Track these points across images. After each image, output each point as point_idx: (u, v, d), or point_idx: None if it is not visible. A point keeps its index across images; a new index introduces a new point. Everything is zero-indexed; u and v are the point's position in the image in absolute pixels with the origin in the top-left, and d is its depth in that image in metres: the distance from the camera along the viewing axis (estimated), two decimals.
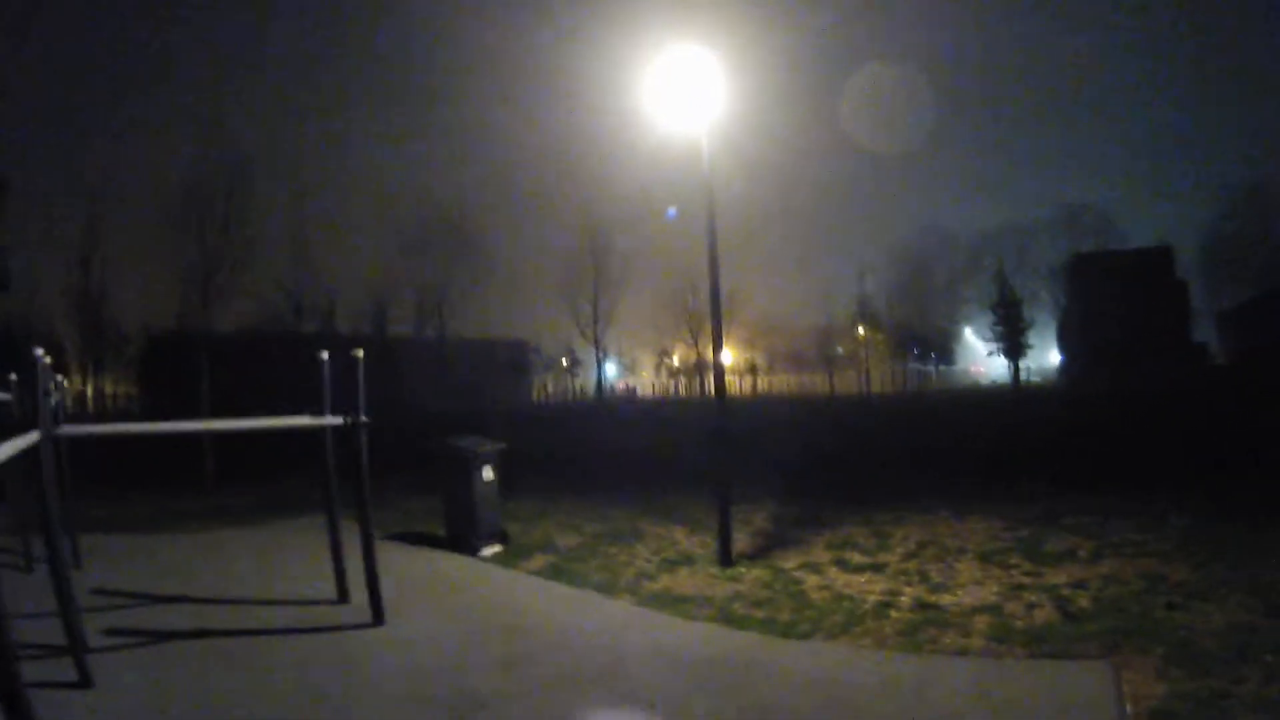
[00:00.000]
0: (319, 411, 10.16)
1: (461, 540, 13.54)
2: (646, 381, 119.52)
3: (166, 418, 14.13)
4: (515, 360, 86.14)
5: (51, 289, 64.97)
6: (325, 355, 10.37)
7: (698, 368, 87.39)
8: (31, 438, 7.72)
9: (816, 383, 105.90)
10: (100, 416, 63.52)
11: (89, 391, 74.15)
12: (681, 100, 12.51)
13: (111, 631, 9.50)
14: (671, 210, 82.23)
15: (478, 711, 7.05)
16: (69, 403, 61.88)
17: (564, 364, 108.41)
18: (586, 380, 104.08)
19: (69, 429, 10.22)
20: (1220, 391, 47.40)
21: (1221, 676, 6.85)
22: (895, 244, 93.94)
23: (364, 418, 9.80)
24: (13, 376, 14.39)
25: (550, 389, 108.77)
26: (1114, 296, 75.76)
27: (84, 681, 7.69)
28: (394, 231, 77.34)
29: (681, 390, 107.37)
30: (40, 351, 8.31)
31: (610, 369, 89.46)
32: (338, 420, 9.95)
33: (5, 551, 12.72)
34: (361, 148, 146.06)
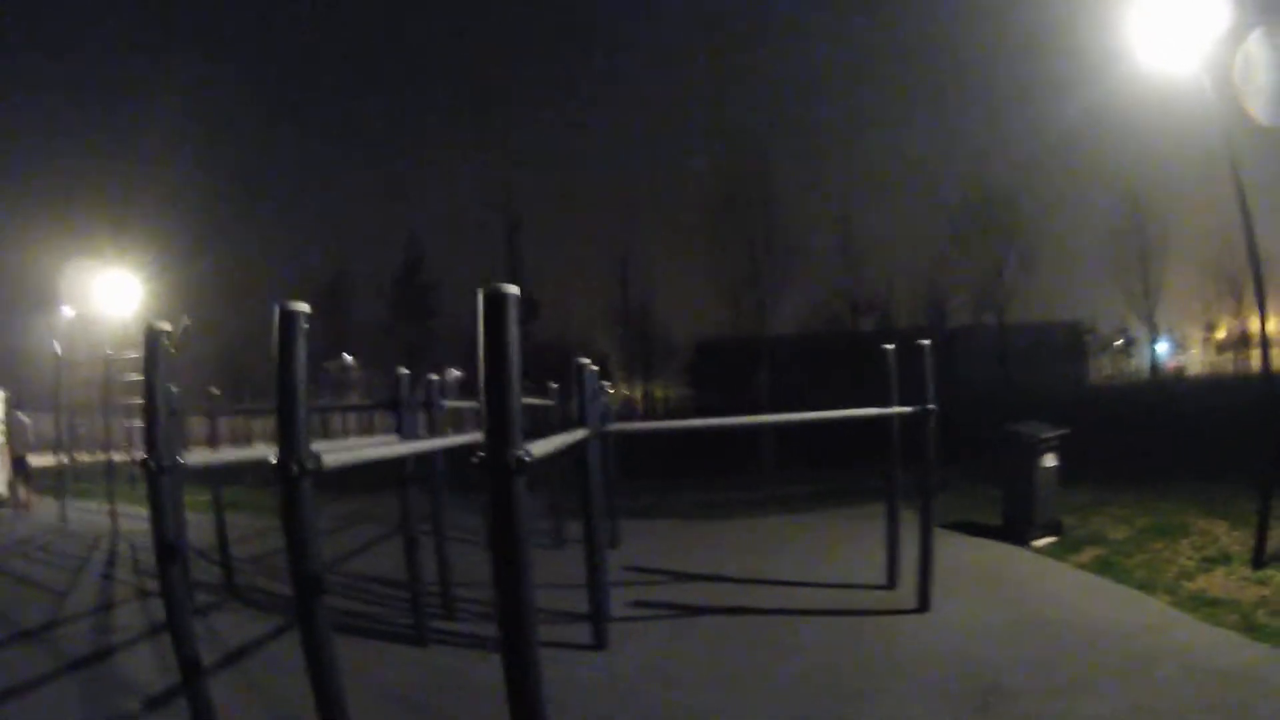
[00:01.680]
0: (885, 402, 10.41)
1: (1015, 530, 13.44)
2: (1195, 359, 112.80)
3: (717, 416, 14.86)
4: (1071, 343, 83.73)
5: (594, 310, 70.65)
6: (889, 347, 10.65)
7: (1243, 340, 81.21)
8: (580, 433, 8.48)
9: None
10: (648, 416, 67.86)
11: (636, 395, 79.37)
12: (1178, 35, 11.68)
13: (638, 604, 10.31)
14: None
15: (998, 704, 7.05)
16: (614, 405, 67.11)
17: (1118, 344, 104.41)
18: (1140, 360, 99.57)
19: (614, 426, 11.11)
20: None
21: None
22: None
23: (932, 405, 9.96)
24: (553, 385, 15.85)
25: (1107, 370, 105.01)
26: None
27: (598, 643, 8.56)
28: (943, 222, 76.97)
29: (1230, 366, 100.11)
30: (585, 360, 9.22)
31: (1161, 347, 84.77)
32: (906, 409, 10.17)
33: (537, 532, 13.82)
34: (897, 137, 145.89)
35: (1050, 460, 13.42)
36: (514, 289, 3.94)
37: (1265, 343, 12.81)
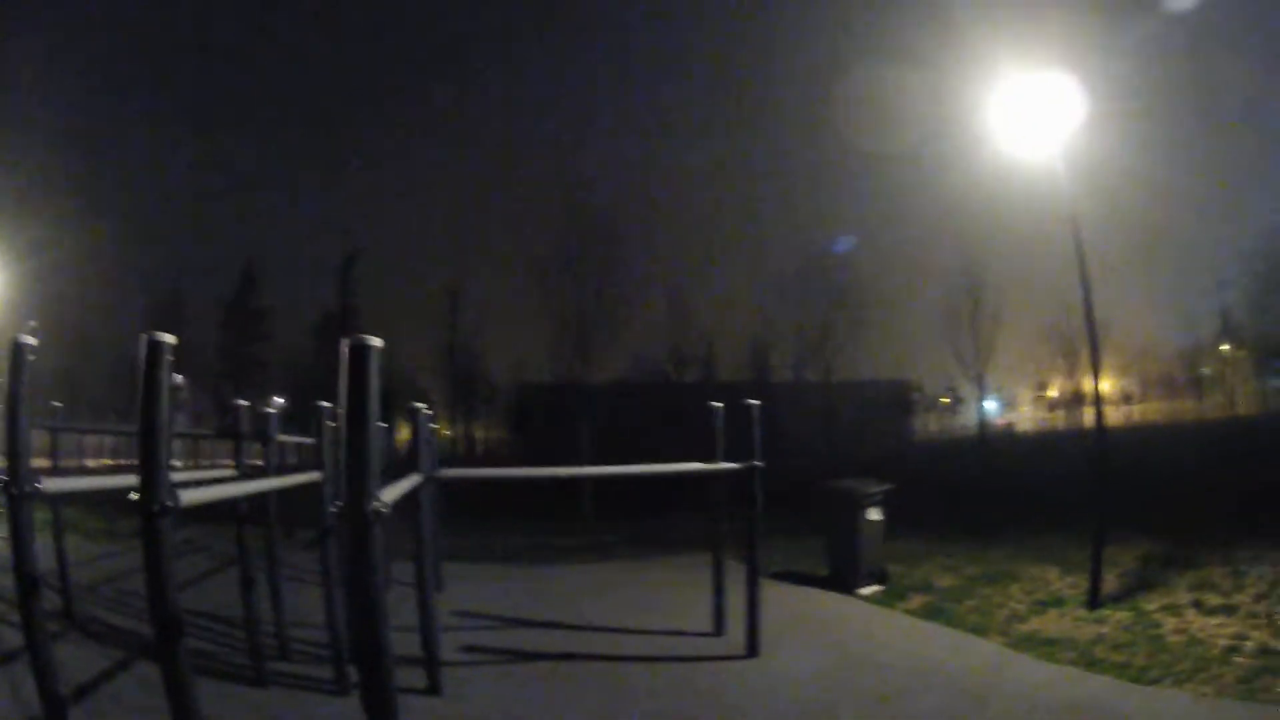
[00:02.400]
0: (710, 457, 10.59)
1: (842, 580, 13.75)
2: (1025, 416, 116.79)
3: (538, 462, 14.89)
4: (896, 400, 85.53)
5: (419, 346, 70.41)
6: (716, 405, 10.76)
7: (1075, 399, 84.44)
8: (416, 479, 8.43)
9: (1187, 408, 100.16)
10: (469, 460, 67.87)
11: (457, 436, 79.66)
12: (1034, 123, 12.39)
13: (468, 649, 10.21)
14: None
15: None
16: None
17: (945, 402, 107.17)
18: (968, 417, 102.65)
19: (448, 472, 11.13)
20: None
21: None
22: (1246, 248, 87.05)
23: (759, 463, 10.10)
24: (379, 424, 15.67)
25: (933, 428, 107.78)
26: None
27: (433, 689, 8.36)
28: (771, 279, 78.61)
29: (1060, 423, 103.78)
30: (421, 406, 9.18)
31: (990, 405, 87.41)
32: (732, 466, 10.30)
33: None
34: (732, 196, 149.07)
35: (875, 514, 13.81)
36: (378, 342, 4.01)
37: (1099, 401, 13.43)
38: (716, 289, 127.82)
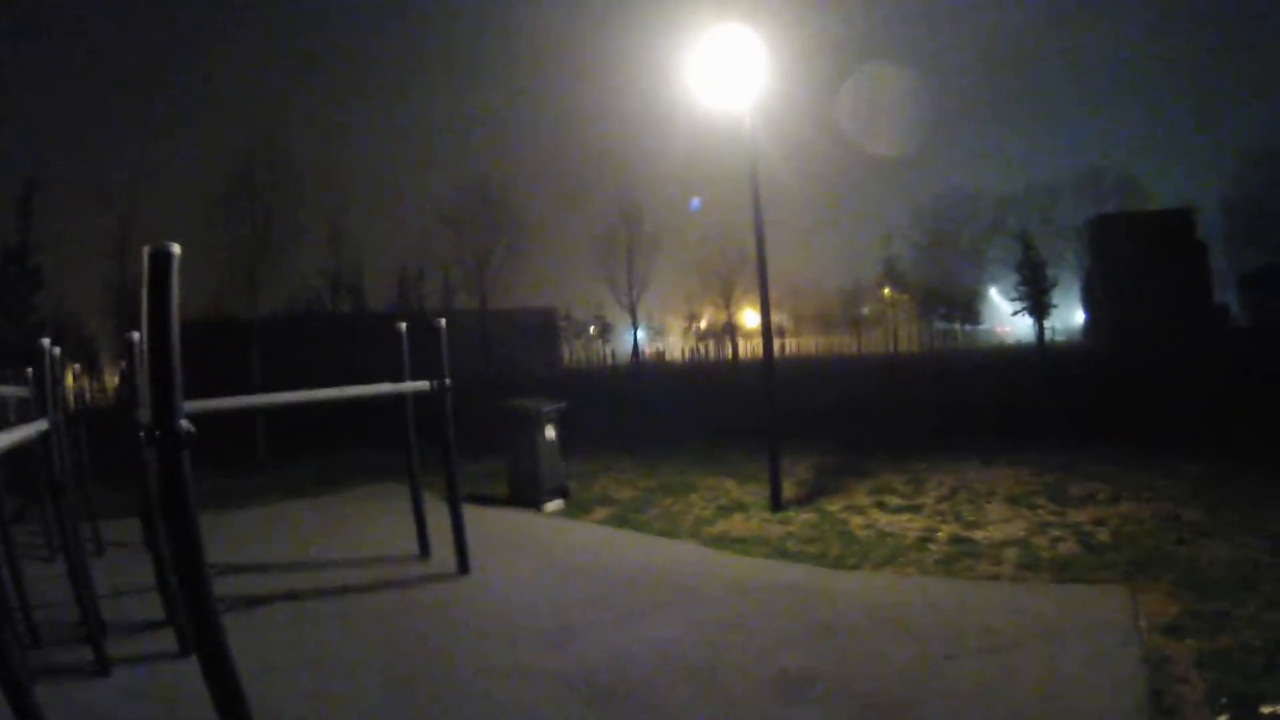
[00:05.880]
0: (398, 379, 10.79)
1: (525, 497, 14.24)
2: (674, 345, 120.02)
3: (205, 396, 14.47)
4: (543, 328, 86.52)
5: (88, 285, 66.57)
6: (402, 326, 11.11)
7: (726, 331, 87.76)
8: (40, 425, 7.75)
9: (843, 344, 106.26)
10: (133, 404, 64.57)
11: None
12: (724, 77, 13.02)
13: None
14: (695, 201, 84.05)
15: (574, 639, 7.73)
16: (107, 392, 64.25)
17: (593, 330, 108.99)
18: (616, 345, 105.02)
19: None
20: (1240, 352, 47.26)
21: (1225, 601, 7.56)
22: (921, 206, 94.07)
23: (449, 381, 10.42)
24: (29, 371, 14.82)
25: (580, 355, 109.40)
26: (1136, 257, 73.85)
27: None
28: (431, 204, 77.83)
29: (708, 353, 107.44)
30: (47, 341, 8.16)
31: (640, 333, 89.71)
32: (423, 385, 10.47)
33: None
34: (402, 121, 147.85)
35: (551, 432, 14.35)
36: (176, 249, 3.81)
37: (768, 333, 14.13)
38: (380, 214, 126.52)
